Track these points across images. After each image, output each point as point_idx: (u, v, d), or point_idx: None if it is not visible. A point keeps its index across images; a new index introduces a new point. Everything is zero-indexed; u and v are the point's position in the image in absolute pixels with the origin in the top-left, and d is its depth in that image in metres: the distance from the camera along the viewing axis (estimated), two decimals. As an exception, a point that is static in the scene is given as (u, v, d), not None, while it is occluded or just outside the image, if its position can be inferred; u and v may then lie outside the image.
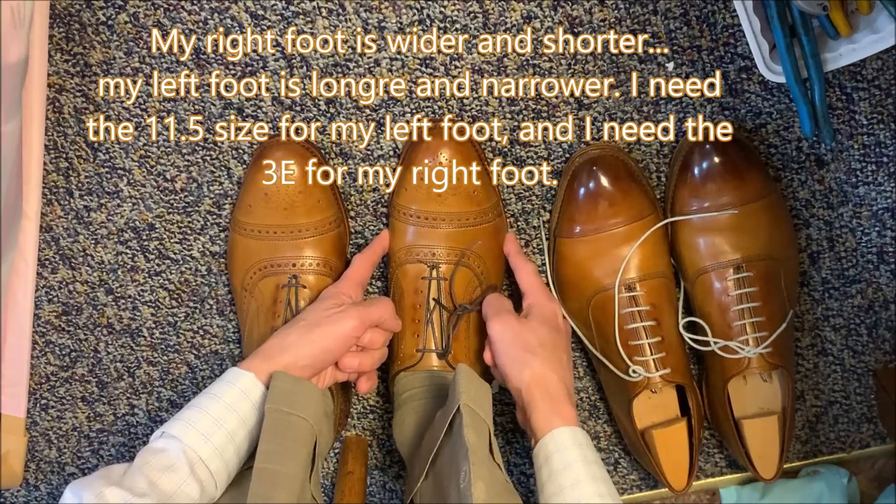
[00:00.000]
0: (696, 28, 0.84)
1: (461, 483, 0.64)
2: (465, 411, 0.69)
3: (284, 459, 0.67)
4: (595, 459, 0.72)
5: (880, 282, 0.91)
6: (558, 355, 0.79)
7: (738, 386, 0.89)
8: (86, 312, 0.92)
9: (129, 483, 0.64)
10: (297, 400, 0.71)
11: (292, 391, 0.71)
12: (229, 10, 0.84)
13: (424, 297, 0.83)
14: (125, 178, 0.88)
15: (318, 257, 0.84)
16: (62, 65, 0.85)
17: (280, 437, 0.68)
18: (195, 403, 0.70)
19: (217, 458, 0.68)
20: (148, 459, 0.66)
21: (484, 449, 0.68)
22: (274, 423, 0.68)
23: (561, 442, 0.72)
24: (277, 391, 0.70)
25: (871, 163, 0.88)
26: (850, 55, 0.74)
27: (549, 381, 0.75)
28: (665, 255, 0.87)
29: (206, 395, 0.71)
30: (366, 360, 0.79)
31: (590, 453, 0.72)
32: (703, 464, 0.97)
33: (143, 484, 0.64)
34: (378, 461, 0.96)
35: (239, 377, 0.71)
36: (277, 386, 0.70)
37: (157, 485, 0.64)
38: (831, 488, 0.94)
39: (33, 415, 0.95)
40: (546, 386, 0.75)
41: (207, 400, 0.70)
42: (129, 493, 0.62)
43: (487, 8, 0.83)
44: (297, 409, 0.70)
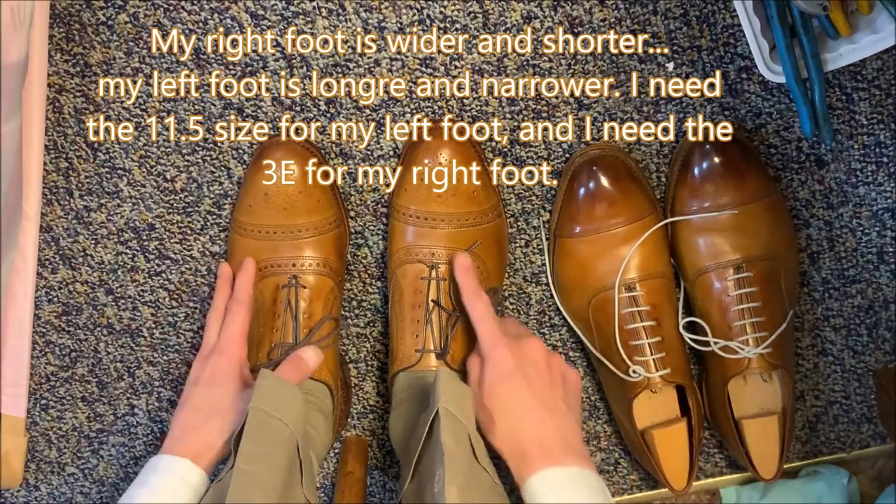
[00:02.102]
0: (696, 28, 0.84)
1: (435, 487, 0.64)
2: (444, 414, 0.68)
3: (263, 462, 0.67)
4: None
5: (880, 282, 0.91)
6: (526, 405, 0.73)
7: (739, 386, 0.89)
8: (86, 312, 0.92)
9: None
10: (279, 402, 0.70)
11: (276, 391, 0.71)
12: (229, 10, 0.84)
13: (424, 298, 0.83)
14: (125, 178, 0.88)
15: (318, 257, 0.84)
16: (62, 65, 0.85)
17: (260, 438, 0.67)
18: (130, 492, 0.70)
19: None
20: None
21: (462, 453, 0.67)
22: (256, 425, 0.68)
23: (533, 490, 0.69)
24: (263, 390, 0.70)
25: (871, 163, 0.88)
26: (850, 55, 0.74)
27: (519, 440, 0.72)
28: (665, 255, 0.87)
29: (143, 488, 0.70)
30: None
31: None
32: (703, 464, 0.97)
33: None
34: (378, 461, 0.96)
35: (174, 464, 0.72)
36: (263, 385, 0.70)
37: None
38: (831, 488, 0.94)
39: (33, 415, 0.95)
40: (515, 446, 0.72)
41: (148, 492, 0.70)
42: None
43: (487, 8, 0.83)
44: (278, 412, 0.69)
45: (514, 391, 0.73)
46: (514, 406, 0.73)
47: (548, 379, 0.74)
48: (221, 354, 0.77)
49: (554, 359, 0.77)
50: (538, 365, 0.75)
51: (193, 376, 0.79)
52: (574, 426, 0.73)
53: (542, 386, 0.74)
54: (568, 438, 0.71)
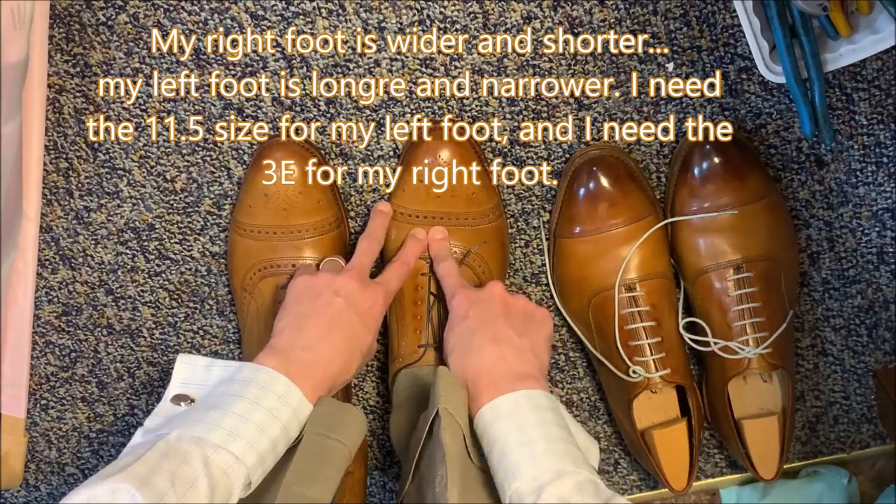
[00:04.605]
0: (696, 28, 0.84)
1: (437, 486, 0.64)
2: (444, 415, 0.68)
3: (315, 483, 0.66)
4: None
5: (880, 282, 0.91)
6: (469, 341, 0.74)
7: (739, 386, 0.89)
8: (86, 313, 0.92)
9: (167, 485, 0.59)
10: (339, 425, 0.69)
11: (336, 416, 0.69)
12: (229, 11, 0.84)
13: (424, 293, 0.83)
14: (125, 178, 0.88)
15: (318, 258, 0.84)
16: (62, 65, 0.85)
17: (315, 460, 0.67)
18: (229, 407, 0.64)
19: (260, 468, 0.64)
20: (179, 466, 0.60)
21: (461, 453, 0.68)
22: (312, 446, 0.67)
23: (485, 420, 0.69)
24: (321, 415, 0.68)
25: (871, 163, 0.88)
26: (850, 55, 0.74)
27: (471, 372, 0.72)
28: (665, 255, 0.87)
29: (240, 399, 0.65)
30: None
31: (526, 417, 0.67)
32: (703, 464, 0.97)
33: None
34: (378, 461, 0.96)
35: (290, 395, 0.67)
36: (322, 411, 0.69)
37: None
38: (831, 489, 0.94)
39: (33, 415, 0.95)
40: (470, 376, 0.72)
41: (245, 406, 0.64)
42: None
43: (487, 8, 0.83)
44: (337, 434, 0.68)
45: (465, 331, 0.75)
46: (464, 345, 0.74)
47: (501, 314, 0.75)
48: (388, 294, 0.78)
49: (515, 299, 0.77)
50: (491, 303, 0.76)
51: (348, 292, 0.74)
52: (526, 353, 0.73)
53: (492, 320, 0.74)
54: (514, 366, 0.71)
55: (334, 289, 0.74)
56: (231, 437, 0.62)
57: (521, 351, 0.73)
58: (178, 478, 0.58)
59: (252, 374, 0.67)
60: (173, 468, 0.59)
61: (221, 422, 0.63)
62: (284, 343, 0.71)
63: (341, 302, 0.73)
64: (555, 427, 0.67)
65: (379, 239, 0.83)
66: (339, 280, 0.75)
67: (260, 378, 0.66)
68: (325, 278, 0.75)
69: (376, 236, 0.83)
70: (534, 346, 0.74)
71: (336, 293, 0.74)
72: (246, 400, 0.65)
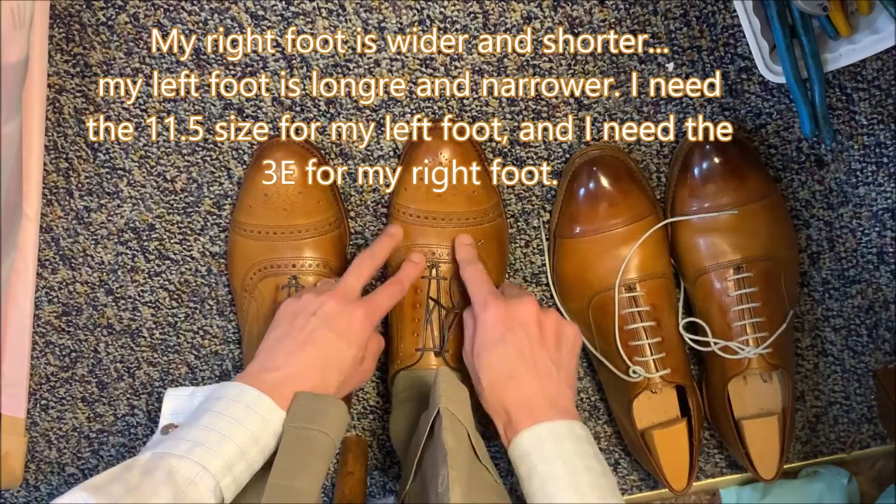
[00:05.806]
0: (696, 28, 0.84)
1: (439, 487, 0.64)
2: (445, 415, 0.68)
3: (300, 474, 0.66)
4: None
5: (880, 282, 0.91)
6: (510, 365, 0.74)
7: (739, 386, 0.89)
8: (86, 313, 0.92)
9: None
10: (319, 415, 0.69)
11: (314, 408, 0.69)
12: (229, 11, 0.84)
13: (424, 296, 0.83)
14: (125, 178, 0.88)
15: (318, 258, 0.84)
16: (62, 65, 0.85)
17: (298, 452, 0.67)
18: (195, 422, 0.66)
19: (229, 475, 0.65)
20: (177, 486, 0.62)
21: (464, 452, 0.68)
22: (294, 440, 0.67)
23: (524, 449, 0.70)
24: (298, 409, 0.69)
25: (871, 163, 0.88)
26: (850, 56, 0.74)
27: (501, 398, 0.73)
28: (665, 255, 0.87)
29: (206, 413, 0.66)
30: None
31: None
32: (703, 464, 0.97)
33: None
34: (378, 461, 0.96)
35: (258, 402, 0.68)
36: (299, 405, 0.69)
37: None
38: (831, 489, 0.94)
39: (33, 415, 0.95)
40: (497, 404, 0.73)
41: (210, 417, 0.66)
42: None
43: (487, 8, 0.83)
44: (317, 425, 0.68)
45: (501, 357, 0.73)
46: (501, 373, 0.73)
47: (538, 340, 0.74)
48: (370, 311, 0.76)
49: (547, 317, 0.76)
50: (528, 326, 0.75)
51: (325, 311, 0.74)
52: (563, 387, 0.74)
53: (530, 349, 0.74)
54: (554, 399, 0.72)
55: (312, 309, 0.75)
56: (194, 446, 0.64)
57: (559, 385, 0.73)
58: (136, 486, 0.61)
59: (222, 390, 0.69)
60: (133, 479, 0.61)
61: (187, 435, 0.65)
62: (255, 367, 0.72)
63: (316, 321, 0.74)
64: (594, 460, 0.68)
65: (376, 258, 0.81)
66: (319, 300, 0.75)
67: (229, 392, 0.68)
68: (307, 300, 0.76)
69: (375, 255, 0.81)
70: (569, 377, 0.75)
71: (313, 313, 0.74)
72: (211, 412, 0.67)
